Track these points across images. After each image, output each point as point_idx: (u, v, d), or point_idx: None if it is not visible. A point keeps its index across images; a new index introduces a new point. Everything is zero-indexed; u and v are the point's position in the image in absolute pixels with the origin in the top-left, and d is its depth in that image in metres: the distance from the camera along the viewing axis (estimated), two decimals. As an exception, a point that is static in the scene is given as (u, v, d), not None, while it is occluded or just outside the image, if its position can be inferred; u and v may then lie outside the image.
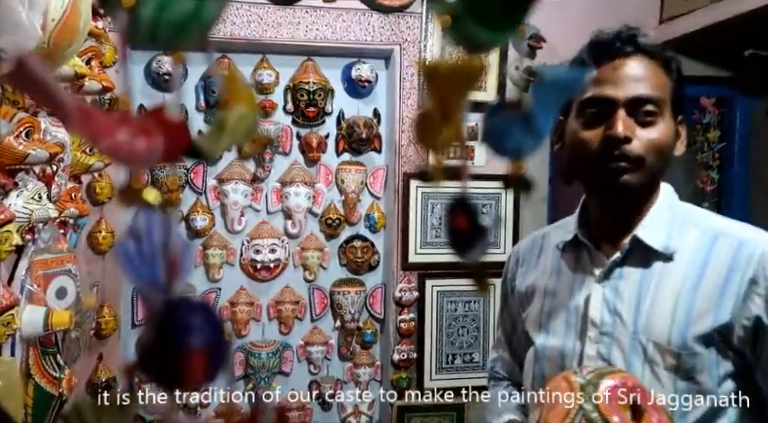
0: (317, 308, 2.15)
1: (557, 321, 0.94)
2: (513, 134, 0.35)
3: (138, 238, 0.27)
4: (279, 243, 2.08)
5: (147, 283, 0.28)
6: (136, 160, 0.27)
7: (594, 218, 0.96)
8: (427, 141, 0.35)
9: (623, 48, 0.87)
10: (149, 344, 0.28)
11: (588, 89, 0.88)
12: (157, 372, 0.29)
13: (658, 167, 0.87)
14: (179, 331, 0.28)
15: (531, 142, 0.36)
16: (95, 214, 1.86)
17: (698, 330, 0.83)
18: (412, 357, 2.09)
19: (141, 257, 0.27)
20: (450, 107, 0.31)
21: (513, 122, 0.35)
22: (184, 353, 0.27)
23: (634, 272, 0.89)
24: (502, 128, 0.36)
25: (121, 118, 0.25)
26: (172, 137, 0.28)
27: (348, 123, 2.11)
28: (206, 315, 0.30)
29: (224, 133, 0.30)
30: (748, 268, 0.83)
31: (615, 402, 0.70)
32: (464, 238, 0.38)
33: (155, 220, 0.28)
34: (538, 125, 0.34)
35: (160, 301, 0.28)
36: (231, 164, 2.06)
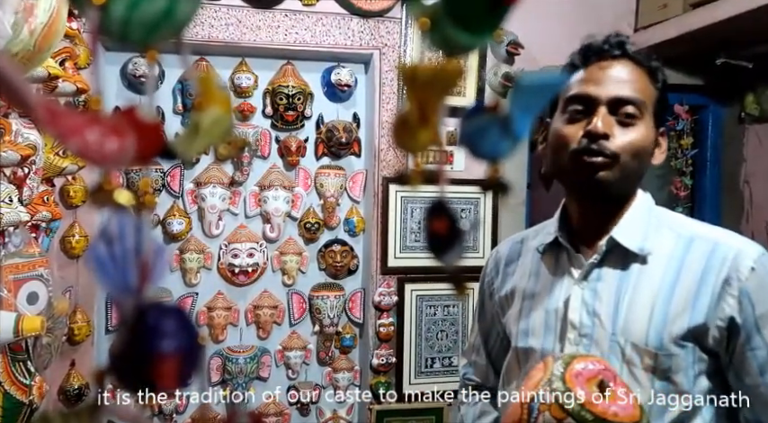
0: (295, 312, 2.13)
1: (536, 323, 0.95)
2: (490, 137, 0.35)
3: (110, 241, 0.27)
4: (257, 247, 2.07)
5: (119, 287, 0.27)
6: (106, 161, 0.26)
7: (574, 220, 0.97)
8: (405, 144, 0.35)
9: (611, 50, 0.89)
10: (121, 348, 0.27)
11: (573, 87, 0.90)
12: (129, 377, 0.28)
13: (634, 168, 0.88)
14: (151, 335, 0.27)
15: (507, 145, 0.36)
16: (68, 218, 1.82)
17: (674, 331, 0.84)
18: (391, 362, 2.09)
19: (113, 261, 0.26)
20: (429, 110, 0.31)
21: (490, 125, 0.35)
22: (156, 357, 0.27)
23: (612, 274, 0.90)
24: (479, 131, 0.36)
25: (92, 117, 0.25)
26: (145, 138, 0.27)
27: (327, 127, 2.11)
28: (178, 319, 0.29)
29: (199, 135, 0.30)
30: (722, 270, 0.84)
31: (582, 377, 0.71)
32: (442, 242, 0.38)
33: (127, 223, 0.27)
34: (515, 128, 0.34)
35: (132, 306, 0.27)
36: (209, 167, 2.04)
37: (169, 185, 2.01)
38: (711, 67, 2.11)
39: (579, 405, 0.69)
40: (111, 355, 0.28)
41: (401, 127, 0.32)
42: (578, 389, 0.70)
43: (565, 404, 0.69)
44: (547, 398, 0.71)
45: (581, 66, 0.91)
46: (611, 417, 0.69)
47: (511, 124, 0.34)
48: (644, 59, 0.91)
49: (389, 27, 2.05)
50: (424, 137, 0.31)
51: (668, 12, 2.00)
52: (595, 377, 0.72)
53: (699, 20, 1.83)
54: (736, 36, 1.92)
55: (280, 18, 1.97)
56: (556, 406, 0.69)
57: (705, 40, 1.94)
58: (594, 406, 0.69)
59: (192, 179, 2.03)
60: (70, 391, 1.81)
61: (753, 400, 0.84)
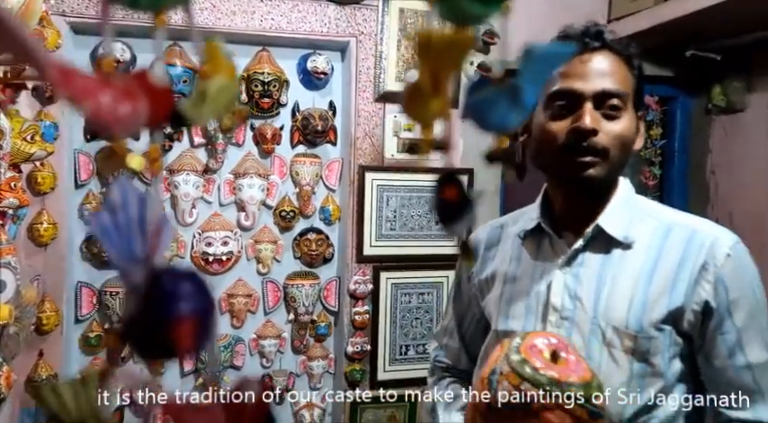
0: (270, 301, 2.12)
1: (517, 306, 0.97)
2: (498, 109, 0.36)
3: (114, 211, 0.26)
4: (231, 235, 2.05)
5: (125, 255, 0.27)
6: (119, 124, 0.25)
7: (557, 207, 0.98)
8: (417, 113, 0.35)
9: (591, 42, 0.90)
10: (135, 314, 0.27)
11: (556, 82, 0.90)
12: (145, 342, 0.28)
13: (621, 160, 0.90)
14: (169, 299, 0.27)
15: (516, 116, 0.36)
16: (36, 205, 1.77)
17: (654, 315, 0.87)
18: (366, 349, 2.10)
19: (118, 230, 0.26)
20: (441, 79, 0.31)
21: (497, 97, 0.35)
22: (175, 320, 0.26)
23: (594, 259, 0.92)
24: (486, 103, 0.36)
25: (104, 80, 0.24)
26: (155, 101, 0.27)
27: (303, 115, 2.09)
28: (194, 281, 0.29)
29: (206, 102, 0.29)
30: (699, 256, 0.87)
31: (536, 349, 0.75)
32: (452, 212, 0.38)
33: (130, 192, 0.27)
34: (524, 99, 0.35)
35: (139, 273, 0.27)
36: (182, 154, 2.01)
37: (141, 172, 1.97)
38: (681, 58, 2.16)
39: (533, 370, 0.73)
40: (125, 322, 0.28)
41: (413, 96, 0.32)
42: (533, 358, 0.74)
43: (520, 371, 0.74)
44: (504, 369, 0.75)
45: None
46: (564, 378, 0.72)
47: (519, 95, 0.34)
48: (622, 49, 0.92)
49: (366, 14, 2.04)
50: (436, 105, 0.32)
51: (640, 4, 2.03)
52: (549, 349, 0.76)
53: (670, 12, 1.87)
54: (706, 28, 1.96)
55: (255, 3, 1.94)
56: (513, 374, 0.74)
57: (675, 32, 1.98)
58: (548, 370, 0.73)
59: (165, 166, 2.00)
60: (38, 382, 1.77)
61: (719, 383, 0.88)
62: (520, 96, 0.34)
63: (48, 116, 1.74)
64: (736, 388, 0.86)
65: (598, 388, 0.74)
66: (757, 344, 0.87)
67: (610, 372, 0.87)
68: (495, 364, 0.76)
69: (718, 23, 1.89)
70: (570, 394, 0.71)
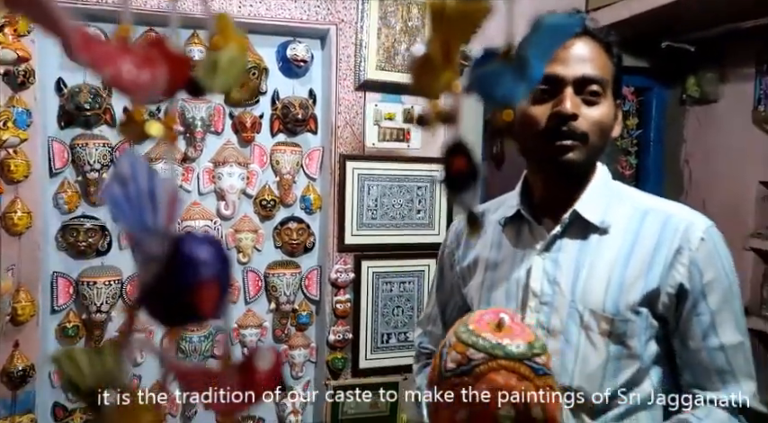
0: (250, 290, 2.11)
1: (498, 292, 0.98)
2: (504, 82, 0.36)
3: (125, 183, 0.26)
4: (211, 225, 2.03)
5: (139, 226, 0.26)
6: (138, 91, 0.25)
7: (537, 194, 1.00)
8: (426, 86, 0.35)
9: None
10: (153, 281, 0.27)
11: None
12: (163, 308, 0.28)
13: (600, 145, 0.92)
14: (192, 264, 0.27)
15: (522, 88, 0.37)
16: (10, 193, 1.73)
17: (630, 298, 0.89)
18: (347, 338, 2.11)
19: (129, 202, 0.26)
20: (453, 49, 0.32)
21: (504, 70, 0.35)
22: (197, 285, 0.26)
23: (572, 244, 0.94)
24: (492, 77, 0.36)
25: (124, 47, 0.24)
26: (173, 69, 0.27)
27: (283, 103, 2.07)
28: (213, 247, 0.29)
29: (218, 72, 0.29)
30: (674, 240, 0.90)
31: (482, 321, 0.78)
32: (460, 181, 0.39)
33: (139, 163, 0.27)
34: (530, 71, 0.35)
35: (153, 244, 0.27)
36: (160, 143, 1.98)
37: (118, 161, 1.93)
38: (656, 50, 2.19)
39: (476, 336, 0.76)
40: (142, 289, 0.28)
41: (422, 67, 0.32)
42: (479, 328, 0.77)
43: (465, 340, 0.76)
44: (452, 340, 0.78)
45: None
46: (505, 336, 0.75)
47: (527, 67, 0.35)
48: (603, 36, 0.93)
49: (346, 2, 2.03)
50: (447, 77, 0.32)
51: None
52: (495, 320, 0.78)
53: (646, 3, 1.90)
54: (680, 20, 2.00)
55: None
56: (459, 343, 0.77)
57: (651, 23, 2.01)
58: (490, 336, 0.76)
59: (144, 155, 1.96)
60: (14, 373, 1.74)
61: (694, 365, 0.90)
62: (526, 69, 0.35)
63: (20, 102, 1.70)
64: (709, 369, 0.89)
65: (541, 348, 0.77)
66: (730, 326, 0.89)
67: (587, 354, 0.89)
68: (446, 339, 0.80)
69: (693, 15, 1.92)
70: (512, 353, 0.74)
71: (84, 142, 1.86)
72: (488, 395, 0.72)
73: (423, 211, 2.17)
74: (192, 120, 1.96)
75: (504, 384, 0.72)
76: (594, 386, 0.89)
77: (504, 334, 0.76)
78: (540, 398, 0.73)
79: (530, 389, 0.73)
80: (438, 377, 0.78)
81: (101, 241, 1.90)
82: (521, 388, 0.72)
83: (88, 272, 1.89)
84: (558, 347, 0.91)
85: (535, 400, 0.72)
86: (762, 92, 2.06)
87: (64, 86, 1.85)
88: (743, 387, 0.89)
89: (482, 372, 0.73)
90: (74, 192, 1.88)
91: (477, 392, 0.72)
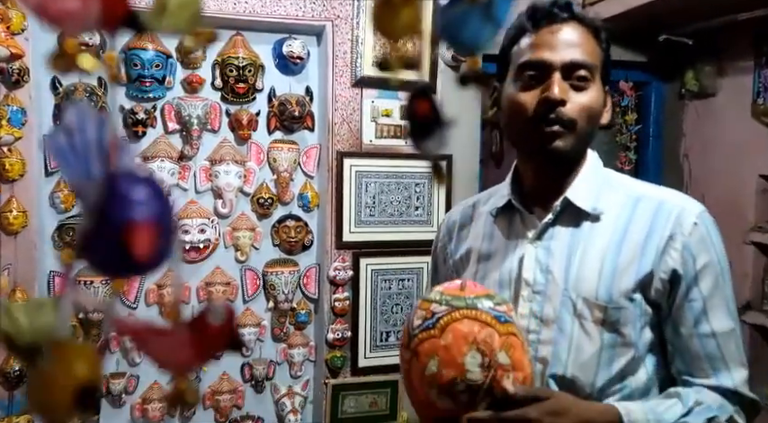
0: (249, 289, 2.10)
1: (490, 283, 0.97)
2: (471, 25, 0.35)
3: (70, 132, 0.25)
4: (208, 223, 2.02)
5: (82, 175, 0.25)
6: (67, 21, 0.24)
7: (527, 183, 0.99)
8: (387, 27, 0.34)
9: (560, 13, 0.90)
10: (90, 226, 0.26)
11: (525, 53, 0.90)
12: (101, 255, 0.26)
13: (588, 132, 0.91)
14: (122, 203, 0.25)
15: (488, 32, 0.36)
16: (5, 192, 1.73)
17: (622, 285, 0.88)
18: (346, 336, 2.09)
19: (74, 151, 0.25)
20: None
21: (471, 13, 0.34)
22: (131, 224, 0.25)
23: (564, 232, 0.93)
24: (459, 19, 0.35)
25: None
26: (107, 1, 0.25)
27: (280, 101, 2.06)
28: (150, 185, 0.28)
29: (166, 14, 0.28)
30: (667, 225, 0.89)
31: (448, 287, 0.83)
32: (423, 128, 0.38)
33: (85, 112, 0.25)
34: (497, 14, 0.34)
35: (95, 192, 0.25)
36: (157, 141, 1.97)
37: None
38: (654, 43, 2.18)
39: (439, 293, 0.81)
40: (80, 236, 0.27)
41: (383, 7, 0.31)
42: (442, 289, 0.83)
43: (428, 297, 0.82)
44: (418, 303, 0.83)
45: (530, 30, 0.91)
46: (468, 293, 0.80)
47: (493, 9, 0.34)
48: (590, 21, 0.92)
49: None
50: (407, 17, 0.31)
51: (614, -12, 2.05)
52: (457, 286, 0.83)
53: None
54: (677, 13, 1.99)
55: (229, -14, 1.91)
56: (423, 302, 0.82)
57: (648, 16, 2.00)
58: (451, 291, 0.81)
59: (139, 153, 1.96)
60: (10, 374, 1.73)
61: (685, 352, 0.89)
62: (493, 12, 0.34)
63: (15, 100, 1.70)
64: (700, 356, 0.88)
65: (501, 299, 0.81)
66: (721, 312, 0.88)
67: (581, 343, 0.88)
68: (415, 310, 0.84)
69: (689, 7, 1.91)
70: (473, 303, 0.78)
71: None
72: (454, 343, 0.75)
73: (421, 208, 2.16)
74: (189, 118, 1.96)
75: (467, 332, 0.75)
76: (589, 375, 0.88)
77: (465, 292, 0.80)
78: (504, 343, 0.76)
79: (493, 335, 0.76)
80: (407, 338, 0.81)
81: (97, 240, 1.89)
82: (484, 334, 0.75)
83: (85, 271, 1.87)
84: (552, 336, 0.90)
85: (498, 344, 0.75)
86: (761, 84, 2.05)
87: (59, 85, 1.84)
88: (734, 374, 0.88)
89: (446, 322, 0.77)
90: (70, 191, 1.87)
91: (444, 342, 0.75)
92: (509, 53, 0.94)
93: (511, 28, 0.95)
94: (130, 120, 1.90)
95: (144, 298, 1.99)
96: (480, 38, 0.36)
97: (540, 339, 0.90)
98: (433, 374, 0.75)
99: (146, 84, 1.90)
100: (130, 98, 1.94)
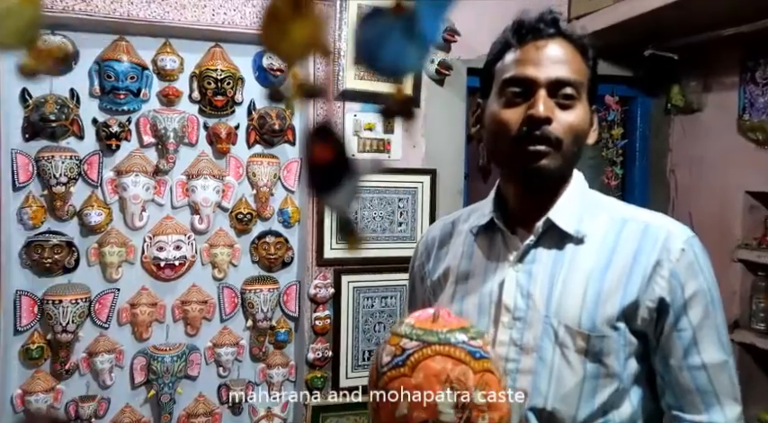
0: (226, 307, 2.03)
1: (469, 306, 0.93)
2: (392, 43, 0.29)
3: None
4: (185, 239, 1.96)
5: None
6: None
7: (510, 202, 0.95)
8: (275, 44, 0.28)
9: (546, 29, 0.87)
10: None
11: (510, 69, 0.87)
12: None
13: (574, 151, 0.87)
14: None
15: (414, 53, 0.30)
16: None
17: (606, 312, 0.84)
18: (327, 356, 2.03)
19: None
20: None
21: (392, 29, 0.29)
22: None
23: (547, 254, 0.89)
24: (379, 37, 0.30)
25: None
26: None
27: (259, 114, 2.01)
28: None
29: None
30: (653, 251, 0.85)
31: (419, 318, 0.76)
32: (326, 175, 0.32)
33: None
34: (423, 31, 0.28)
35: None
36: (131, 155, 1.91)
37: (86, 174, 1.86)
38: (640, 58, 2.16)
39: (409, 326, 0.74)
40: None
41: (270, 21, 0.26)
42: (412, 321, 0.76)
43: (398, 331, 0.75)
44: (387, 337, 0.76)
45: (515, 45, 0.88)
46: (440, 326, 0.73)
47: (418, 26, 0.28)
48: (577, 37, 0.89)
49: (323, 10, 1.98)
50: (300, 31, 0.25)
51: (600, 2, 2.03)
52: (430, 316, 0.76)
53: (628, 10, 1.86)
54: (663, 27, 1.97)
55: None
56: (393, 336, 0.75)
57: (634, 30, 1.98)
58: (423, 324, 0.74)
59: (113, 167, 1.90)
60: (-26, 399, 1.65)
61: (675, 385, 0.85)
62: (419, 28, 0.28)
63: (-19, 114, 1.63)
64: (691, 390, 0.84)
65: (477, 333, 0.74)
66: (712, 343, 0.85)
67: (562, 373, 0.84)
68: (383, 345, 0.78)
69: (676, 22, 1.89)
70: (446, 338, 0.72)
71: (50, 155, 1.79)
72: (425, 383, 0.69)
73: (404, 224, 2.12)
74: (165, 131, 1.90)
75: (440, 370, 0.69)
76: (570, 408, 0.83)
77: (438, 324, 0.74)
78: (480, 381, 0.70)
79: (467, 373, 0.70)
80: (375, 376, 0.74)
81: (68, 258, 1.82)
82: (458, 372, 0.69)
83: (54, 290, 1.81)
84: (532, 366, 0.85)
85: (473, 383, 0.69)
86: (746, 100, 2.03)
87: (29, 97, 1.78)
88: (726, 411, 0.84)
89: (417, 360, 0.71)
90: (39, 206, 1.80)
91: (415, 381, 0.69)
92: (493, 69, 0.91)
93: (496, 43, 0.92)
94: (104, 133, 1.84)
95: (117, 317, 1.92)
96: (404, 59, 0.30)
97: (520, 369, 0.86)
98: (403, 416, 0.70)
99: (120, 96, 1.84)
100: (104, 111, 1.88)
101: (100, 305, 1.89)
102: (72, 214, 1.85)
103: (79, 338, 1.84)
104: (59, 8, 1.70)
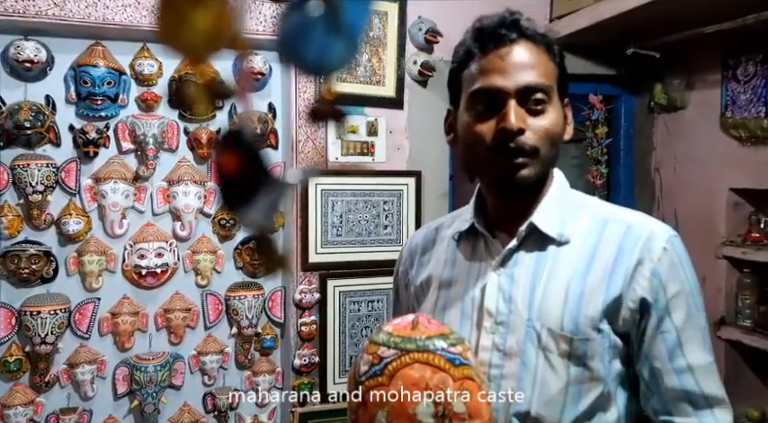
0: (210, 315, 2.00)
1: (452, 312, 0.91)
2: (315, 37, 0.27)
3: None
4: (166, 246, 1.92)
5: None
6: None
7: (491, 207, 0.93)
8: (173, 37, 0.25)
9: (508, 34, 0.84)
10: None
11: (477, 80, 0.84)
12: None
13: (552, 155, 0.86)
14: None
15: (339, 47, 0.27)
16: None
17: (589, 312, 0.82)
18: (314, 361, 2.01)
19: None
20: None
21: (315, 22, 0.26)
22: None
23: (529, 257, 0.88)
24: (300, 30, 0.27)
25: None
26: None
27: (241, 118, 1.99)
28: None
29: None
30: (635, 251, 0.84)
31: (398, 326, 0.74)
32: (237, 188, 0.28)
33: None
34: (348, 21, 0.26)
35: None
36: (110, 161, 1.88)
37: (64, 182, 1.83)
38: (623, 57, 2.16)
39: (387, 334, 0.72)
40: None
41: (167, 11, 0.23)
42: (391, 329, 0.74)
43: (375, 339, 0.73)
44: (364, 345, 0.75)
45: (478, 54, 0.85)
46: (418, 333, 0.71)
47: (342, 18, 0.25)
48: (541, 37, 0.86)
49: (304, 12, 1.96)
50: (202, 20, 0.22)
51: (581, 2, 2.02)
52: (408, 323, 0.74)
53: (610, 9, 1.86)
54: (645, 25, 1.97)
55: (185, 0, 1.83)
56: (371, 345, 0.73)
57: (616, 29, 1.98)
58: (401, 331, 0.72)
59: (91, 174, 1.86)
60: (-50, 415, 1.61)
61: (661, 389, 0.84)
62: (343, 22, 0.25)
63: (-47, 122, 1.59)
64: (678, 393, 0.83)
65: (456, 339, 0.73)
66: (697, 345, 0.83)
67: (546, 378, 0.82)
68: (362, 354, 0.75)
69: (657, 20, 1.89)
70: (424, 345, 0.70)
71: (26, 163, 1.75)
72: (404, 391, 0.67)
73: (390, 227, 2.10)
74: (144, 137, 1.87)
75: (418, 378, 0.68)
76: (555, 412, 0.82)
77: (417, 331, 0.72)
78: (459, 388, 0.68)
79: (447, 380, 0.68)
80: (353, 385, 0.73)
81: (46, 268, 1.79)
82: (437, 380, 0.68)
83: (32, 300, 1.77)
84: (515, 371, 0.83)
85: (453, 392, 0.68)
86: (728, 97, 2.03)
87: (2, 104, 1.74)
88: (717, 415, 0.83)
89: (395, 368, 0.69)
90: (15, 215, 1.76)
91: (393, 390, 0.68)
92: (459, 76, 0.88)
93: (458, 49, 0.89)
94: (81, 140, 1.81)
95: (98, 327, 1.88)
96: (328, 56, 0.28)
97: (503, 374, 0.84)
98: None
99: (97, 102, 1.81)
100: (81, 117, 1.84)
101: (80, 315, 1.85)
102: (50, 223, 1.81)
103: (59, 350, 1.81)
104: (32, 12, 1.67)
